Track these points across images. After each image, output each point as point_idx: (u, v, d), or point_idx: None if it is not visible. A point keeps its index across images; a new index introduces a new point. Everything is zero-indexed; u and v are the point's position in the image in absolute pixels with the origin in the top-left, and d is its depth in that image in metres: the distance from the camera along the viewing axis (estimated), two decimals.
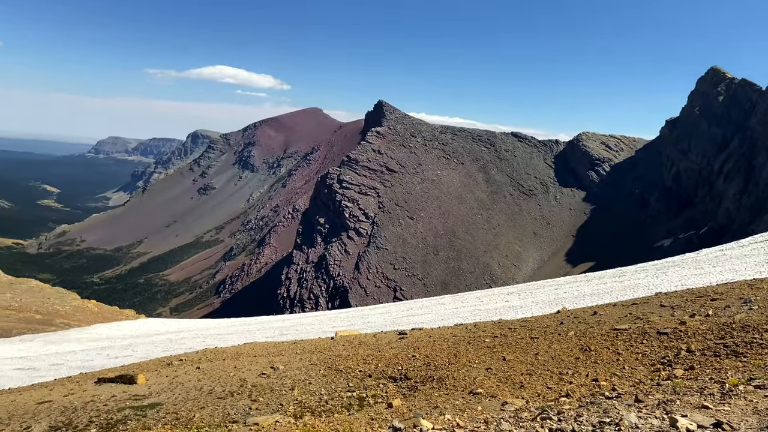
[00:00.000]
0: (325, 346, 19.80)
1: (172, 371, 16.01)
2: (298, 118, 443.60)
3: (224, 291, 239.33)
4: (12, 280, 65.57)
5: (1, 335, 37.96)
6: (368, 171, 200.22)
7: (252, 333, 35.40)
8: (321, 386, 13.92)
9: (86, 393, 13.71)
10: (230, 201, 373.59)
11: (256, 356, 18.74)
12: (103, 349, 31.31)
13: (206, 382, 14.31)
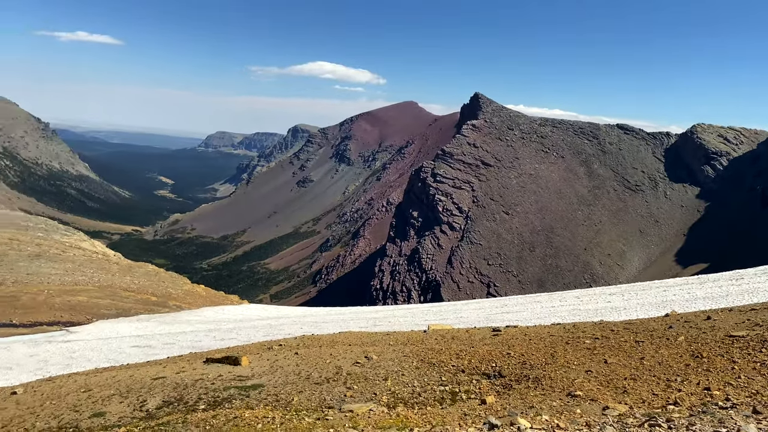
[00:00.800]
0: (418, 339, 19.83)
1: (272, 355, 16.72)
2: (393, 112, 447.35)
3: (320, 280, 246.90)
4: (131, 265, 71.33)
5: (121, 314, 41.32)
6: (463, 165, 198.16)
7: (346, 322, 36.19)
8: (414, 378, 13.98)
9: (196, 371, 14.64)
10: (327, 193, 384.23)
11: (350, 345, 19.12)
12: (210, 331, 33.28)
13: (304, 367, 14.80)
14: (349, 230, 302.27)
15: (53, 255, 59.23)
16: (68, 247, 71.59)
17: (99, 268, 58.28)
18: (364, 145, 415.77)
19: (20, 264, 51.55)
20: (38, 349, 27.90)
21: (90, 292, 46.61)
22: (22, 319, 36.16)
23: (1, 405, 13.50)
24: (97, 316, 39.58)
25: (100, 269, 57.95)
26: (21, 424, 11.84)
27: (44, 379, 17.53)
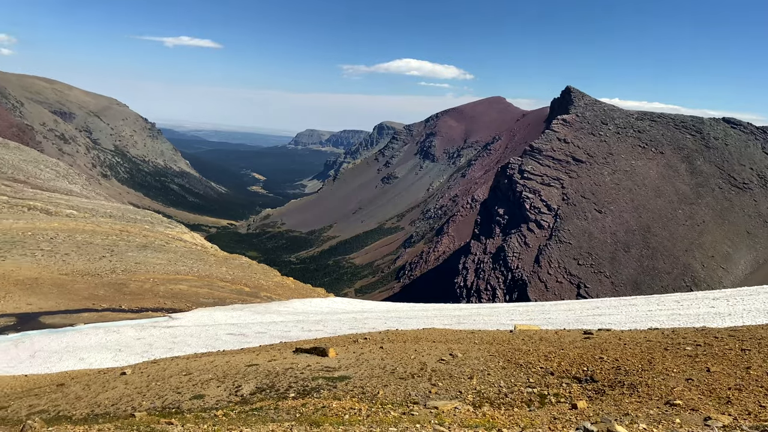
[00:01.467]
0: (504, 339, 19.47)
1: (358, 348, 17.03)
2: (479, 107, 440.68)
3: (404, 276, 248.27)
4: (227, 256, 74.98)
5: (218, 303, 43.44)
6: (552, 161, 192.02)
7: (430, 319, 36.16)
8: (500, 378, 13.74)
9: (286, 360, 15.19)
10: (411, 190, 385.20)
11: (434, 342, 19.09)
12: (299, 322, 34.34)
13: (389, 361, 14.93)
14: (432, 227, 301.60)
15: (158, 246, 63.36)
16: (171, 238, 76.35)
17: (198, 259, 61.72)
18: (449, 141, 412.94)
19: (129, 254, 55.52)
20: (144, 333, 29.95)
21: (190, 282, 49.41)
22: (130, 304, 38.93)
23: (112, 384, 14.66)
24: (196, 304, 41.92)
25: (199, 260, 61.35)
26: (129, 403, 12.80)
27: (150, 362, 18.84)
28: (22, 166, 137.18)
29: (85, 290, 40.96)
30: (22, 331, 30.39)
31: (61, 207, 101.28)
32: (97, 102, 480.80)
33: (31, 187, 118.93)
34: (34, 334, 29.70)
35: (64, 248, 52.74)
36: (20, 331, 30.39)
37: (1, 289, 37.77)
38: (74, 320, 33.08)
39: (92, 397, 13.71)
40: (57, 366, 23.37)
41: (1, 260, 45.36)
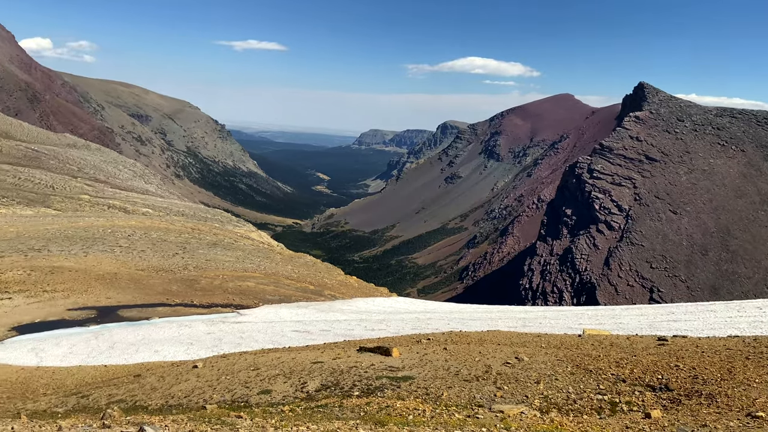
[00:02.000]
0: (572, 343, 18.88)
1: (421, 348, 16.95)
2: (546, 105, 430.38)
3: (467, 277, 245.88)
4: (292, 255, 76.63)
5: (283, 301, 44.39)
6: (623, 160, 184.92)
7: (494, 321, 35.58)
8: (568, 384, 13.32)
9: (350, 359, 15.31)
10: (475, 190, 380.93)
11: (499, 344, 18.75)
12: (362, 321, 34.59)
13: (452, 363, 14.78)
14: (497, 227, 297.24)
15: (227, 244, 65.52)
16: (239, 237, 78.84)
17: (265, 257, 63.38)
18: (514, 140, 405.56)
19: (200, 251, 57.68)
20: (214, 327, 31.00)
21: (257, 279, 50.78)
22: (201, 300, 40.39)
23: (185, 377, 15.24)
24: (262, 300, 43.00)
25: (265, 258, 62.99)
26: (201, 395, 13.26)
27: (219, 356, 19.49)
28: (102, 167, 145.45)
29: (159, 285, 42.86)
30: (102, 323, 32.11)
31: (137, 206, 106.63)
32: (171, 105, 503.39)
33: (110, 186, 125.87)
34: (112, 327, 31.35)
35: (141, 245, 55.40)
36: (100, 323, 32.13)
37: (84, 283, 40.05)
38: (149, 314, 34.67)
39: (166, 388, 14.30)
40: (133, 357, 24.55)
41: (84, 256, 48.14)
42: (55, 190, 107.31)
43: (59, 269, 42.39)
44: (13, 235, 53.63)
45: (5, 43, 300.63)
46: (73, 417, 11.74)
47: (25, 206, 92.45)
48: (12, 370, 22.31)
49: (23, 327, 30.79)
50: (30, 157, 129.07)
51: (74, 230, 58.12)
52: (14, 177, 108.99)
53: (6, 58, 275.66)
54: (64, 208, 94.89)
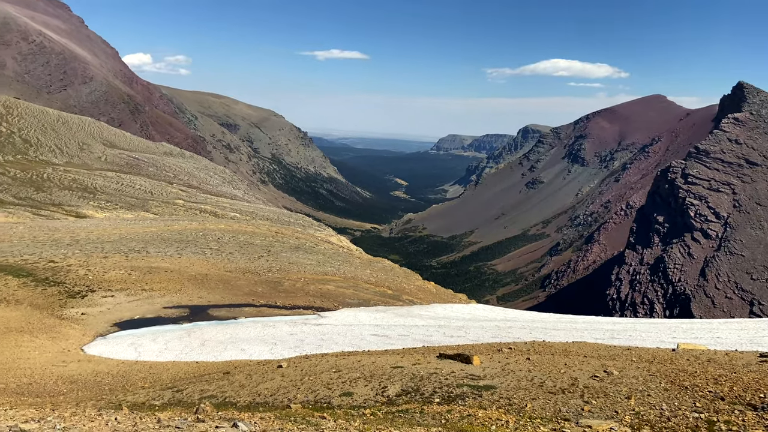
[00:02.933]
0: (666, 358, 17.88)
1: (503, 358, 16.62)
2: (636, 107, 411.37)
3: (549, 285, 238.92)
4: (371, 259, 77.49)
5: (362, 304, 44.93)
6: (721, 164, 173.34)
7: (579, 332, 34.29)
8: (662, 400, 12.60)
9: (430, 365, 15.25)
10: (558, 195, 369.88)
11: (586, 356, 18.05)
12: (440, 327, 34.38)
13: (536, 374, 14.38)
14: (581, 234, 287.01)
15: (308, 247, 67.25)
16: (320, 241, 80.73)
17: (344, 261, 64.50)
18: (600, 143, 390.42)
19: (283, 254, 59.54)
20: (296, 329, 31.85)
21: (337, 282, 51.73)
22: (284, 301, 41.63)
23: (270, 376, 15.77)
24: (342, 304, 43.72)
25: (345, 262, 64.09)
26: (285, 395, 13.66)
27: (302, 356, 20.01)
28: (195, 173, 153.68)
29: (246, 287, 44.60)
30: (194, 321, 33.80)
31: (226, 210, 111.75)
32: (257, 114, 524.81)
33: (202, 192, 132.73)
34: (203, 325, 32.94)
35: (229, 248, 57.95)
36: (192, 321, 33.84)
37: (178, 283, 42.37)
38: (237, 314, 36.13)
39: (253, 386, 14.84)
40: (222, 355, 25.65)
41: (178, 257, 50.95)
42: (153, 196, 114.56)
43: (156, 269, 45.11)
44: (116, 237, 57.67)
45: (110, 59, 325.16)
46: (169, 410, 12.42)
47: (126, 210, 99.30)
48: (113, 363, 23.95)
49: (124, 323, 32.99)
50: (131, 165, 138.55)
51: (170, 233, 61.70)
52: (117, 183, 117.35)
53: (111, 73, 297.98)
54: (160, 212, 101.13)
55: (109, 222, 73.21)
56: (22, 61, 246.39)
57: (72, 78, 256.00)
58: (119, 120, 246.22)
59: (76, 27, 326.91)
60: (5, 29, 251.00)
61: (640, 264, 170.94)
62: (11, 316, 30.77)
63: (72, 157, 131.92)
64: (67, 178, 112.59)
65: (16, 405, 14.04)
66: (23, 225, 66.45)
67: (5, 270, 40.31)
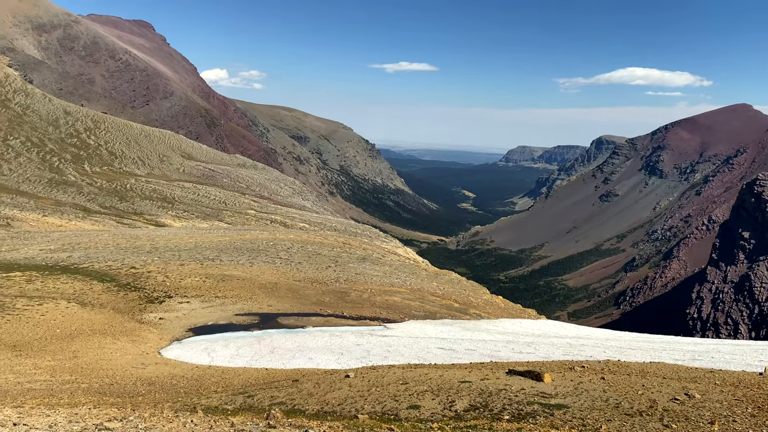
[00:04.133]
0: (752, 382, 16.69)
1: (576, 376, 16.02)
2: (719, 116, 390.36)
3: (624, 303, 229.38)
4: (437, 271, 77.03)
5: (428, 317, 44.67)
6: None
7: (657, 352, 32.58)
8: (748, 427, 11.79)
9: (499, 381, 14.91)
10: (634, 209, 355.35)
11: (665, 378, 17.14)
12: (509, 342, 33.64)
13: (611, 394, 13.78)
14: (659, 250, 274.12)
15: (375, 259, 67.69)
16: (387, 252, 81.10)
17: (410, 273, 64.42)
18: (680, 155, 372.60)
19: (350, 265, 60.21)
20: (362, 339, 32.03)
21: (403, 294, 51.72)
22: (351, 312, 42.02)
23: (338, 385, 15.90)
24: (408, 316, 43.62)
25: (411, 274, 64.01)
26: (353, 405, 13.72)
27: (369, 367, 20.06)
28: (266, 185, 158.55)
29: (313, 296, 45.36)
30: (264, 329, 34.66)
31: (295, 220, 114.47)
32: (326, 126, 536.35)
33: (273, 202, 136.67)
34: (273, 332, 33.71)
35: (298, 257, 59.22)
36: (262, 328, 34.71)
37: (249, 291, 43.67)
38: (305, 323, 36.77)
39: (322, 395, 15.01)
40: (291, 363, 26.12)
41: (249, 266, 52.54)
42: (226, 206, 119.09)
43: (229, 277, 46.71)
44: (192, 245, 60.23)
45: (189, 75, 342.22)
46: (241, 415, 12.76)
47: (201, 219, 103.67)
48: (188, 368, 24.90)
49: (198, 328, 34.28)
50: (207, 176, 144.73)
51: (242, 242, 63.82)
52: (194, 194, 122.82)
53: (190, 88, 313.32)
54: (233, 222, 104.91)
55: (185, 231, 76.63)
56: (110, 78, 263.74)
57: (154, 93, 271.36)
58: (196, 133, 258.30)
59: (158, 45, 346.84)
60: (95, 48, 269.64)
61: (723, 282, 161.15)
62: (96, 319, 32.65)
63: (153, 169, 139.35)
64: (148, 188, 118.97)
65: (99, 404, 14.84)
66: (108, 233, 70.66)
67: (91, 275, 42.89)
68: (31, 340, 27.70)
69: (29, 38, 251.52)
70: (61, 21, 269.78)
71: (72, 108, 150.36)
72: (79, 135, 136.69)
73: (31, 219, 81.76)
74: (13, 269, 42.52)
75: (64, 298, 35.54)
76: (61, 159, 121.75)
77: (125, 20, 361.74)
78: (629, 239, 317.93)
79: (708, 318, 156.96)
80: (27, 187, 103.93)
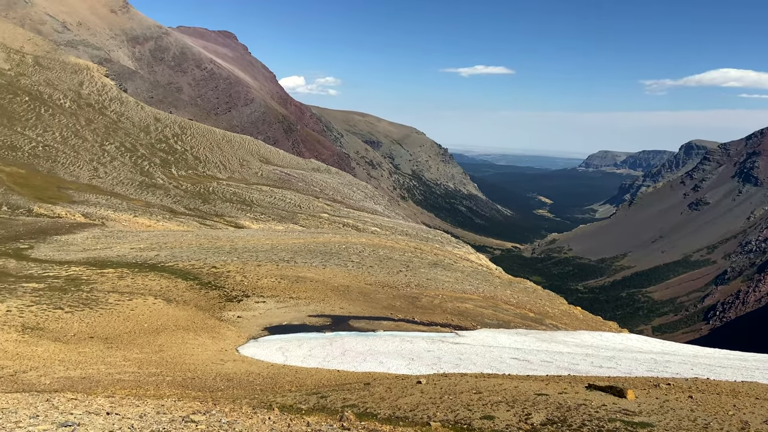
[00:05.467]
0: None
1: (661, 394, 15.10)
2: None
3: (714, 318, 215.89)
4: (511, 279, 75.38)
5: (501, 326, 43.73)
6: None
7: (750, 371, 30.29)
8: None
9: (578, 395, 14.29)
10: (726, 218, 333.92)
11: (758, 398, 15.87)
12: (588, 356, 32.32)
13: (699, 414, 12.87)
14: (753, 262, 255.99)
15: (447, 264, 67.13)
16: (458, 258, 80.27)
17: (483, 280, 63.40)
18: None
19: (421, 270, 60.02)
20: (433, 346, 31.76)
21: (475, 301, 50.94)
22: (421, 317, 41.82)
23: (410, 391, 15.77)
24: (480, 324, 42.90)
25: (484, 281, 62.98)
26: (425, 411, 13.55)
27: (440, 374, 19.81)
28: (340, 189, 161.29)
29: (384, 300, 45.51)
30: (336, 331, 35.09)
31: (367, 224, 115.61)
32: (399, 131, 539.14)
33: (345, 206, 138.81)
34: (344, 335, 34.07)
35: (369, 261, 59.69)
36: (334, 331, 35.15)
37: (322, 293, 44.42)
38: (375, 326, 36.92)
39: (393, 399, 14.93)
40: (362, 366, 26.24)
41: (323, 268, 53.49)
42: (301, 209, 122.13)
43: (302, 279, 47.74)
44: (269, 246, 62.08)
45: (269, 82, 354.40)
46: (315, 415, 12.90)
47: (277, 222, 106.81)
48: (264, 366, 25.57)
49: (273, 328, 35.19)
50: (283, 180, 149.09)
51: (315, 245, 65.12)
52: (271, 197, 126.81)
53: (269, 95, 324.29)
54: (307, 225, 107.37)
55: (262, 233, 79.14)
56: (196, 86, 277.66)
57: (236, 100, 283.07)
58: (274, 138, 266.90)
59: (240, 54, 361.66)
60: (183, 58, 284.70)
61: None
62: (180, 315, 34.23)
63: (233, 173, 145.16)
64: (229, 191, 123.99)
65: (182, 397, 15.46)
66: (191, 233, 74.16)
67: (176, 273, 45.08)
68: (121, 334, 29.42)
69: (124, 50, 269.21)
70: (153, 33, 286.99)
71: (161, 115, 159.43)
72: (167, 140, 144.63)
73: (124, 219, 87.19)
74: (107, 266, 45.42)
75: (152, 294, 37.54)
76: (151, 163, 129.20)
77: (211, 31, 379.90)
78: (720, 250, 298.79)
79: None
80: (120, 189, 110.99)
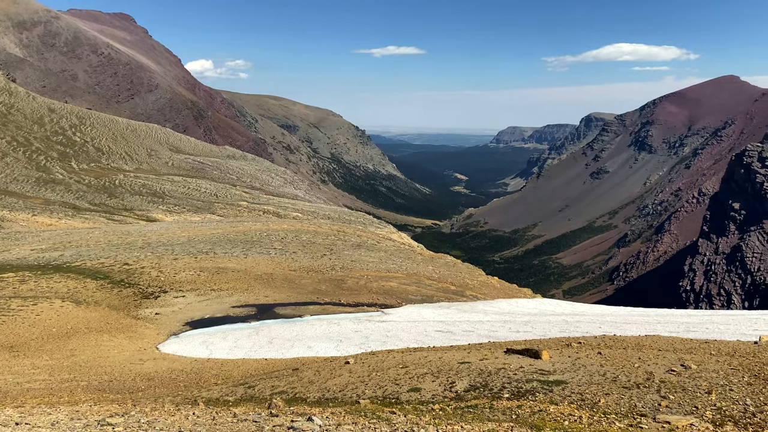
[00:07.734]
0: (748, 351, 16.89)
1: (573, 352, 16.18)
2: (706, 89, 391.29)
3: (618, 278, 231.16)
4: (432, 255, 77.25)
5: (425, 301, 44.91)
6: None
7: (652, 325, 32.92)
8: (745, 395, 11.92)
9: (497, 360, 15.04)
10: (624, 185, 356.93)
11: (660, 350, 17.31)
12: (506, 322, 33.87)
13: (608, 368, 13.92)
14: (651, 224, 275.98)
15: (370, 245, 67.76)
16: (381, 238, 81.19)
17: (406, 258, 64.59)
18: (669, 129, 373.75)
19: (345, 252, 60.25)
20: (360, 326, 32.18)
21: (399, 279, 51.88)
22: (348, 299, 42.15)
23: (338, 372, 15.99)
24: (405, 300, 43.81)
25: (406, 259, 64.18)
26: (354, 390, 13.81)
27: (368, 353, 20.17)
28: (257, 175, 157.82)
29: (310, 285, 45.43)
30: (261, 320, 34.74)
31: (288, 210, 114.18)
32: (315, 114, 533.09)
33: (265, 193, 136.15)
34: (270, 323, 33.80)
35: (292, 247, 59.18)
36: (260, 319, 34.79)
37: (245, 283, 43.66)
38: (302, 312, 36.87)
39: (322, 382, 15.09)
40: (290, 352, 26.22)
41: (244, 257, 52.48)
42: (218, 198, 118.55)
43: (223, 270, 46.66)
44: (185, 239, 60.02)
45: (174, 67, 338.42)
46: (243, 405, 12.81)
47: (193, 213, 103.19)
48: (187, 361, 24.95)
49: (195, 322, 34.30)
50: (197, 169, 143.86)
51: (235, 234, 63.67)
52: (184, 187, 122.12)
53: (174, 80, 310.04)
54: (226, 214, 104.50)
55: (177, 225, 76.30)
56: (93, 73, 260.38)
57: (138, 87, 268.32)
58: (184, 126, 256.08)
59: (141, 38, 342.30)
60: (76, 43, 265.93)
61: (715, 254, 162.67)
62: (91, 317, 32.57)
63: (141, 164, 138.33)
64: (138, 183, 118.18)
65: (99, 401, 14.85)
66: (98, 230, 70.26)
67: (84, 273, 42.71)
68: (27, 341, 27.62)
69: (10, 36, 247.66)
70: (41, 17, 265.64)
71: (56, 105, 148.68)
72: (64, 132, 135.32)
73: (21, 219, 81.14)
74: (6, 270, 42.25)
75: (58, 297, 35.39)
76: (48, 157, 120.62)
77: (106, 14, 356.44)
78: (621, 215, 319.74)
79: (701, 290, 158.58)
80: (15, 187, 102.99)
